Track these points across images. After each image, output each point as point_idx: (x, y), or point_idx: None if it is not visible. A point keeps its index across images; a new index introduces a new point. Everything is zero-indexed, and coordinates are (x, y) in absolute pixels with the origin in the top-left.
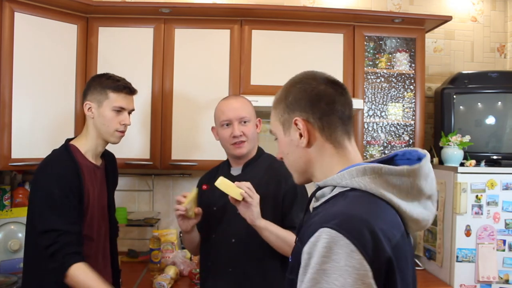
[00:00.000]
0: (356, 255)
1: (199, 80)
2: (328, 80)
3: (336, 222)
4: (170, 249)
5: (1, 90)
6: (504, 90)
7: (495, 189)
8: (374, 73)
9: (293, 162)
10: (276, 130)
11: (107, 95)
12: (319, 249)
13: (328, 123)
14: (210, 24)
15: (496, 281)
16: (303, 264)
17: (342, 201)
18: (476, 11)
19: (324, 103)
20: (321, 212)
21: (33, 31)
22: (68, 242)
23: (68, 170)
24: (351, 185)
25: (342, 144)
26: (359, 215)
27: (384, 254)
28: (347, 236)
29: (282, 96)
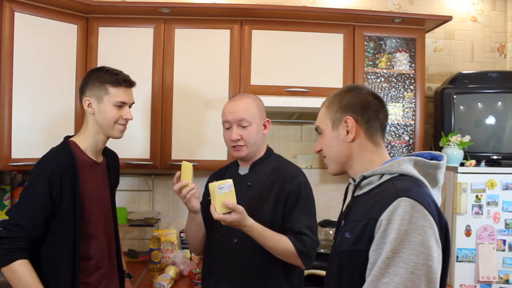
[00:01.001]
0: (429, 217)
1: (199, 80)
2: (375, 94)
3: (410, 194)
4: (170, 249)
5: (1, 90)
6: (504, 90)
7: (495, 189)
8: (374, 73)
9: (335, 153)
10: (324, 126)
11: (107, 90)
12: (400, 214)
13: (372, 126)
14: (210, 24)
15: (496, 281)
16: (382, 228)
17: (400, 182)
18: (476, 11)
19: (372, 110)
20: (380, 192)
21: (33, 31)
22: (22, 237)
23: (63, 164)
24: (400, 171)
25: (379, 144)
26: (423, 190)
27: (444, 219)
28: (421, 203)
29: (337, 99)
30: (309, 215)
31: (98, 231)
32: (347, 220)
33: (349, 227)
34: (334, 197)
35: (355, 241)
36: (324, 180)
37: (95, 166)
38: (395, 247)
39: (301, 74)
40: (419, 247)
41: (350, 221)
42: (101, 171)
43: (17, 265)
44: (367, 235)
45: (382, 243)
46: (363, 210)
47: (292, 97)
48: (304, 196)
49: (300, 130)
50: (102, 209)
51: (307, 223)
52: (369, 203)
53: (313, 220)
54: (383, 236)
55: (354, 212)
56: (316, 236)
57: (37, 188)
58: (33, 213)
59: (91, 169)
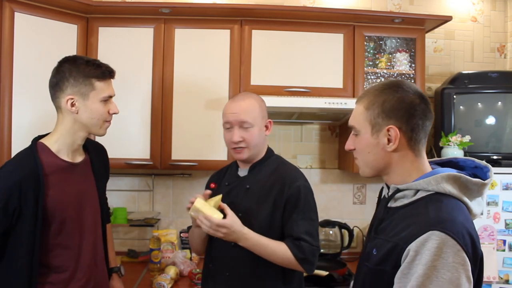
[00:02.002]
0: (461, 253)
1: (199, 80)
2: (421, 95)
3: (443, 226)
4: (170, 249)
5: (1, 90)
6: (504, 90)
7: (495, 189)
8: (374, 73)
9: (372, 161)
10: (362, 128)
11: (93, 85)
12: (430, 248)
13: (416, 135)
14: (210, 24)
15: (496, 281)
16: (408, 259)
17: (436, 206)
18: (476, 11)
19: (418, 118)
20: (412, 214)
21: (33, 31)
22: None
23: (25, 174)
24: (437, 190)
25: (421, 153)
26: (459, 220)
27: (479, 253)
28: (455, 238)
29: (379, 101)
30: (309, 220)
31: (74, 240)
32: (378, 233)
33: (378, 243)
34: (334, 197)
35: (380, 261)
36: (324, 180)
37: (72, 168)
38: (421, 283)
39: (301, 74)
40: (448, 284)
41: (380, 236)
42: (81, 171)
43: None
44: (393, 258)
45: (408, 274)
46: (393, 230)
47: (292, 97)
48: (304, 201)
49: (300, 130)
50: (84, 214)
51: (306, 228)
52: (401, 223)
53: (313, 225)
54: (409, 267)
55: (385, 228)
56: (317, 241)
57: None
58: None
59: (65, 173)
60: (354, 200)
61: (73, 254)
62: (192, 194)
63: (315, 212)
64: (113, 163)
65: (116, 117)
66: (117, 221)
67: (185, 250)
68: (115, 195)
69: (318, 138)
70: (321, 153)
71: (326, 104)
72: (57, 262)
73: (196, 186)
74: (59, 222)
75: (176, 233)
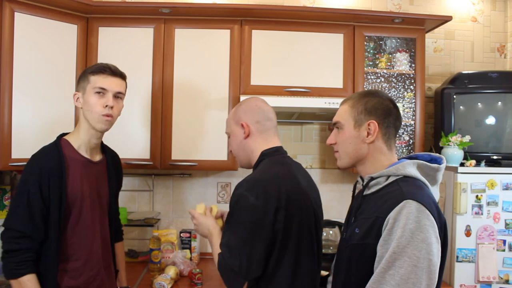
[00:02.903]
0: (430, 217)
1: (199, 80)
2: (393, 102)
3: (415, 197)
4: (170, 249)
5: (1, 90)
6: (504, 90)
7: (495, 189)
8: (374, 73)
9: (353, 151)
10: (345, 123)
11: (89, 79)
12: (406, 214)
13: (389, 131)
14: (210, 24)
15: (496, 281)
16: (389, 226)
17: (405, 184)
18: (476, 11)
19: (392, 117)
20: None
21: (33, 31)
22: (29, 247)
23: (51, 165)
24: (404, 173)
25: (391, 148)
26: (426, 193)
27: (443, 218)
28: (424, 204)
29: (363, 101)
30: (233, 233)
31: (88, 231)
32: (357, 217)
33: (359, 223)
34: (334, 197)
35: (364, 236)
36: (324, 180)
37: (90, 164)
38: (400, 243)
39: (301, 74)
40: (422, 243)
41: (359, 218)
42: (98, 170)
43: (26, 279)
44: (375, 231)
45: (388, 239)
46: (372, 209)
47: (292, 97)
48: (233, 210)
49: (300, 130)
50: (96, 208)
51: (227, 240)
52: (377, 202)
53: (236, 239)
54: (390, 233)
55: (363, 210)
56: (233, 258)
57: (31, 191)
58: (34, 219)
59: (83, 168)
60: None
61: (87, 244)
62: (192, 194)
63: (245, 227)
64: None
65: None
66: None
67: (185, 250)
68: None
69: (318, 138)
70: (321, 153)
71: (326, 104)
72: (72, 250)
73: (196, 186)
74: (77, 212)
75: (176, 233)
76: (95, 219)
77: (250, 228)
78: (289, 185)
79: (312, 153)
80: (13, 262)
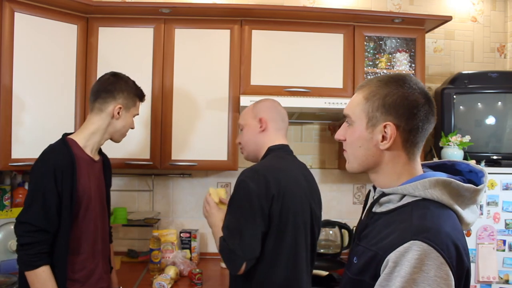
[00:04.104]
0: (444, 267)
1: (199, 80)
2: (427, 95)
3: (426, 236)
4: (170, 249)
5: (1, 90)
6: (504, 90)
7: (495, 189)
8: (374, 73)
9: (362, 156)
10: (357, 119)
11: (135, 103)
12: (410, 260)
13: (414, 137)
14: (210, 24)
15: (496, 281)
16: (387, 271)
17: (420, 213)
18: (476, 11)
19: (419, 119)
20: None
21: (33, 31)
22: (44, 240)
23: (62, 160)
24: (424, 195)
25: (415, 157)
26: (444, 230)
27: (465, 266)
28: (438, 249)
29: (381, 93)
30: (233, 215)
31: (92, 227)
32: (361, 239)
33: (359, 251)
34: (334, 197)
35: (360, 271)
36: (324, 180)
37: (93, 163)
38: None
39: (301, 74)
40: None
41: (362, 243)
42: (98, 169)
43: (41, 271)
44: (372, 269)
45: (386, 287)
46: (376, 237)
47: (292, 97)
48: (235, 195)
49: (300, 130)
50: (99, 206)
51: (227, 222)
52: (383, 231)
53: (234, 221)
54: (388, 279)
55: (368, 233)
56: (232, 239)
57: (47, 187)
58: (50, 213)
59: (89, 167)
60: (354, 200)
61: (90, 239)
62: (192, 194)
63: (243, 210)
64: (113, 163)
65: None
66: (117, 221)
67: (185, 250)
68: (115, 195)
69: (318, 138)
70: (321, 153)
71: (326, 104)
72: (77, 244)
73: (196, 186)
74: (85, 208)
75: (176, 233)
76: (98, 215)
77: (247, 210)
78: (287, 178)
79: (312, 153)
80: (29, 254)
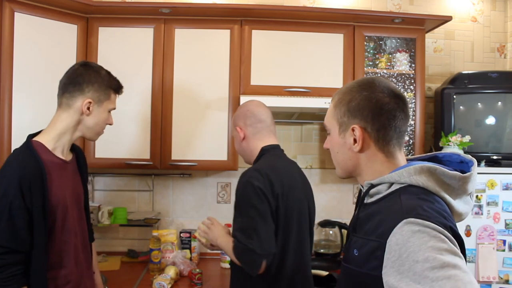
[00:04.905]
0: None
1: (199, 80)
2: (393, 93)
3: (417, 212)
4: (170, 249)
5: (1, 90)
6: (504, 90)
7: (495, 189)
8: (374, 73)
9: (342, 161)
10: (331, 127)
11: (109, 95)
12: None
13: (384, 135)
14: (210, 24)
15: (496, 281)
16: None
17: (408, 196)
18: (476, 11)
19: (385, 117)
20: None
21: (33, 31)
22: (15, 262)
23: (29, 169)
24: (409, 182)
25: (393, 155)
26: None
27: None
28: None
29: (346, 99)
30: (244, 216)
31: (72, 237)
32: (357, 230)
33: (358, 243)
34: (334, 197)
35: (363, 263)
36: (324, 180)
37: (65, 166)
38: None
39: (301, 74)
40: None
41: (359, 234)
42: (72, 170)
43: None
44: (375, 260)
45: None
46: (371, 226)
47: (292, 97)
48: (242, 196)
49: (300, 130)
50: (76, 210)
51: (239, 224)
52: (376, 218)
53: (247, 221)
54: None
55: (362, 223)
56: (248, 238)
57: (13, 203)
58: (19, 232)
59: (60, 170)
60: (354, 200)
61: (71, 250)
62: (192, 194)
63: (254, 208)
64: (113, 163)
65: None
66: (117, 221)
67: (185, 250)
68: (115, 195)
69: (318, 138)
70: (321, 153)
71: (326, 104)
72: (58, 258)
73: (196, 186)
74: (62, 219)
75: (176, 233)
76: (76, 222)
77: (259, 208)
78: (287, 177)
79: (312, 153)
80: (0, 278)
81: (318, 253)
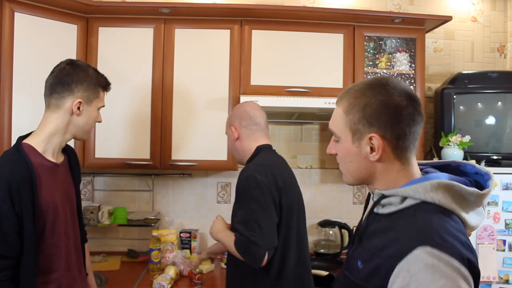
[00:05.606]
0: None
1: (199, 80)
2: (409, 95)
3: (434, 240)
4: (170, 249)
5: (1, 90)
6: (504, 90)
7: (495, 189)
8: (374, 73)
9: (354, 170)
10: (342, 135)
11: (98, 94)
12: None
13: (403, 143)
14: (210, 24)
15: (496, 281)
16: (404, 282)
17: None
18: (476, 11)
19: (405, 123)
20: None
21: (33, 31)
22: (3, 267)
23: (18, 174)
24: (424, 199)
25: (409, 161)
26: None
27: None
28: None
29: (360, 104)
30: (246, 209)
31: (63, 240)
32: (363, 240)
33: (364, 255)
34: (334, 197)
35: (366, 277)
36: (324, 180)
37: (56, 169)
38: None
39: (301, 74)
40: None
41: (367, 246)
42: (63, 172)
43: None
44: (380, 278)
45: None
46: (382, 241)
47: (292, 97)
48: (243, 190)
49: (300, 130)
50: (68, 214)
51: (241, 217)
52: (388, 234)
53: (249, 214)
54: None
55: (373, 235)
56: (251, 231)
57: (2, 208)
58: (8, 237)
59: (51, 174)
60: (354, 200)
61: (63, 253)
62: (192, 194)
63: (255, 202)
64: (113, 163)
65: (116, 117)
66: (117, 221)
67: (185, 250)
68: (115, 195)
69: (318, 138)
70: (321, 153)
71: (326, 104)
72: (49, 262)
73: (196, 186)
74: (52, 223)
75: (176, 233)
76: (68, 225)
77: (261, 201)
78: (286, 172)
79: (312, 153)
80: None
81: (318, 253)
